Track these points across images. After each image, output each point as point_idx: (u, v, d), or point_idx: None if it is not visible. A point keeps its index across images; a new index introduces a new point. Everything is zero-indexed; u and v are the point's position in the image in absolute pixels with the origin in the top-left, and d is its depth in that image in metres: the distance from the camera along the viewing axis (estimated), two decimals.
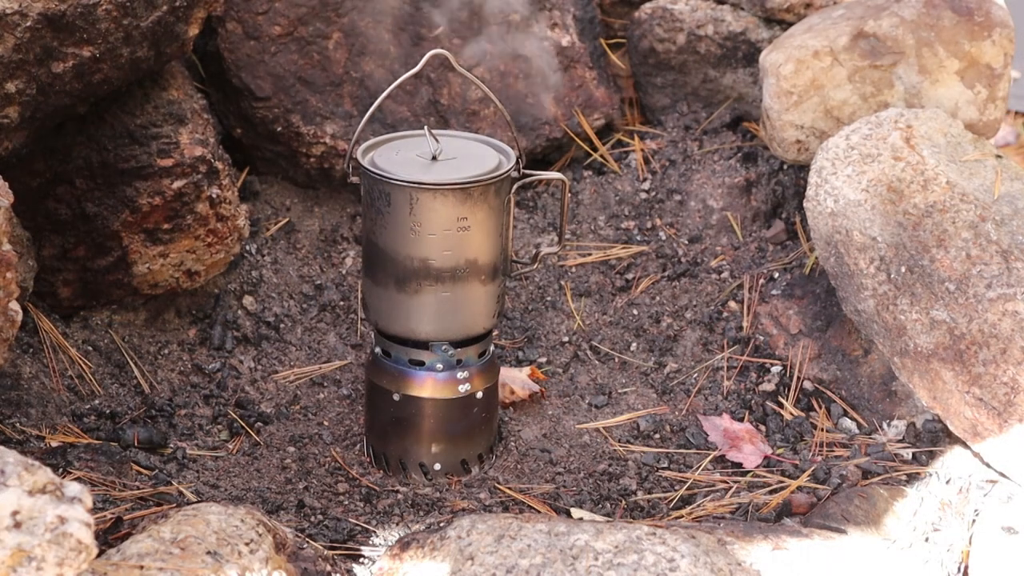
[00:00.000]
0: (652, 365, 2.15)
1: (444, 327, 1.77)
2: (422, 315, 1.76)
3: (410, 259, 1.72)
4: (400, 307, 1.76)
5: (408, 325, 1.77)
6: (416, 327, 1.77)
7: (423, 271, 1.73)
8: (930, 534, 1.68)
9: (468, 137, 1.86)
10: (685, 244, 2.30)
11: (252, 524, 1.45)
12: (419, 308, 1.75)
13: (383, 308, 1.78)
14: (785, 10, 2.39)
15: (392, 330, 1.79)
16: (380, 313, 1.80)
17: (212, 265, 2.06)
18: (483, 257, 1.75)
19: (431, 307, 1.75)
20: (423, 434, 1.83)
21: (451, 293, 1.74)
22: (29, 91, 1.70)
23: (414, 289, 1.74)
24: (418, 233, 1.70)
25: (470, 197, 1.70)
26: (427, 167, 1.73)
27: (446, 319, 1.76)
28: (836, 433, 1.93)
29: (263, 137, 2.27)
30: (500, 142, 1.83)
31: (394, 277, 1.75)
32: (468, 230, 1.71)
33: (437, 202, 1.69)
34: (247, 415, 1.98)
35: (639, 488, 1.85)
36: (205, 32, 2.19)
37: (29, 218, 1.92)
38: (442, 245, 1.71)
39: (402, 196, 1.69)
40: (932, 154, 1.92)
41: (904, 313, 1.85)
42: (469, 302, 1.77)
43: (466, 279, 1.74)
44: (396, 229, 1.72)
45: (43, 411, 1.86)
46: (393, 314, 1.78)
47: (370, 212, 1.75)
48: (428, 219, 1.69)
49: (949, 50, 2.09)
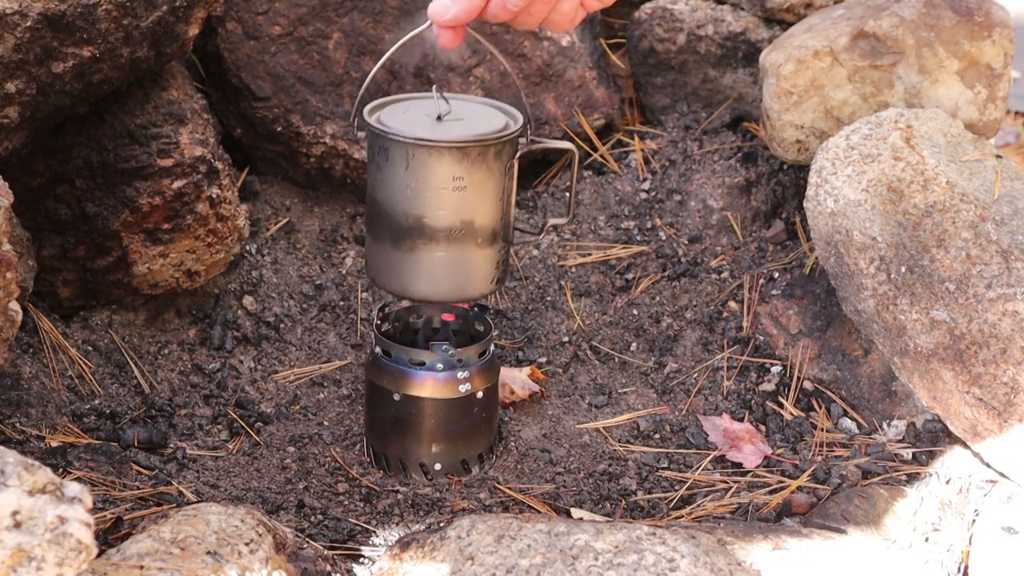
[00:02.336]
0: (652, 365, 2.15)
1: (437, 287, 1.76)
2: (416, 274, 1.75)
3: (406, 216, 1.71)
4: (395, 264, 1.75)
5: (402, 283, 1.76)
6: (409, 285, 1.76)
7: (418, 229, 1.71)
8: (930, 534, 1.68)
9: (481, 101, 1.84)
10: (685, 244, 2.30)
11: (252, 524, 1.45)
12: (413, 266, 1.74)
13: (379, 265, 1.78)
14: (785, 10, 2.39)
15: (387, 287, 1.79)
16: (376, 270, 1.79)
17: (212, 265, 2.06)
18: (480, 219, 1.73)
19: (425, 266, 1.74)
20: (423, 434, 1.83)
21: (445, 253, 1.72)
22: (29, 91, 1.70)
23: (409, 247, 1.73)
24: (414, 190, 1.69)
25: (467, 157, 1.68)
26: (430, 126, 1.71)
27: (440, 280, 1.75)
28: (836, 433, 1.93)
29: (263, 137, 2.27)
30: (513, 108, 1.80)
31: (390, 234, 1.73)
32: (464, 190, 1.69)
33: (433, 159, 1.67)
34: (247, 415, 1.98)
35: (639, 488, 1.85)
36: (205, 32, 2.19)
37: (29, 218, 1.92)
38: (437, 204, 1.69)
39: (399, 152, 1.68)
40: (932, 154, 1.92)
41: (904, 313, 1.85)
42: (465, 264, 1.75)
43: (462, 240, 1.72)
44: (393, 185, 1.70)
45: (43, 411, 1.86)
46: (388, 271, 1.77)
47: (371, 167, 1.74)
48: (424, 176, 1.68)
49: (949, 50, 2.09)
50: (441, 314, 1.99)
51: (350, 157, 2.26)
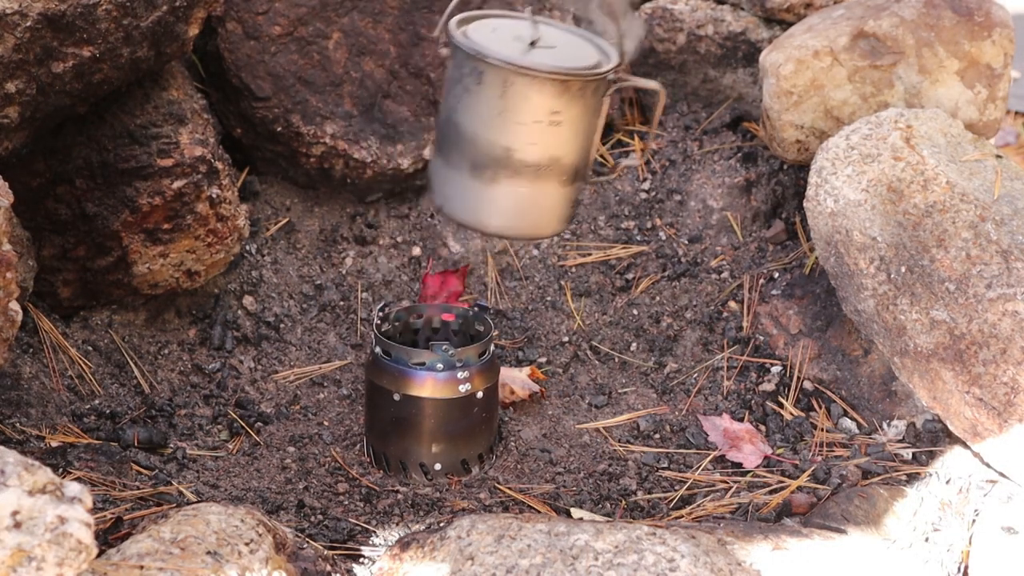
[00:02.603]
0: (652, 365, 2.15)
1: (512, 223, 1.67)
2: (493, 207, 1.63)
3: (492, 145, 1.59)
4: (470, 194, 1.63)
5: (477, 215, 1.65)
6: (485, 218, 1.65)
7: (503, 161, 1.59)
8: (930, 534, 1.68)
9: (570, 30, 1.74)
10: (685, 244, 2.30)
11: (252, 524, 1.45)
12: (491, 199, 1.62)
13: (450, 191, 1.66)
14: (785, 10, 2.39)
15: (458, 217, 1.68)
16: (446, 196, 1.67)
17: (212, 265, 2.06)
18: (568, 157, 1.62)
19: (504, 200, 1.62)
20: (423, 434, 1.83)
21: (528, 189, 1.62)
22: (29, 91, 1.70)
23: (490, 178, 1.61)
24: (506, 119, 1.57)
25: (568, 90, 1.56)
26: (526, 52, 1.60)
27: (517, 215, 1.65)
28: (836, 433, 1.93)
29: (263, 137, 2.27)
30: (603, 41, 1.69)
31: (470, 161, 1.61)
32: (559, 125, 1.58)
33: (532, 89, 1.55)
34: (247, 415, 1.98)
35: (639, 488, 1.85)
36: (205, 32, 2.19)
37: (29, 218, 1.92)
38: (528, 137, 1.58)
39: (496, 77, 1.55)
40: (932, 154, 1.92)
41: (904, 313, 1.85)
42: (544, 201, 1.65)
43: (546, 177, 1.62)
44: (482, 111, 1.58)
45: (43, 411, 1.86)
46: (461, 200, 1.65)
47: (455, 88, 1.61)
48: (519, 106, 1.56)
49: (949, 50, 2.09)
50: (441, 314, 1.99)
51: (350, 157, 2.26)
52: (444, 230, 2.33)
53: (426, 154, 2.31)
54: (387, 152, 2.28)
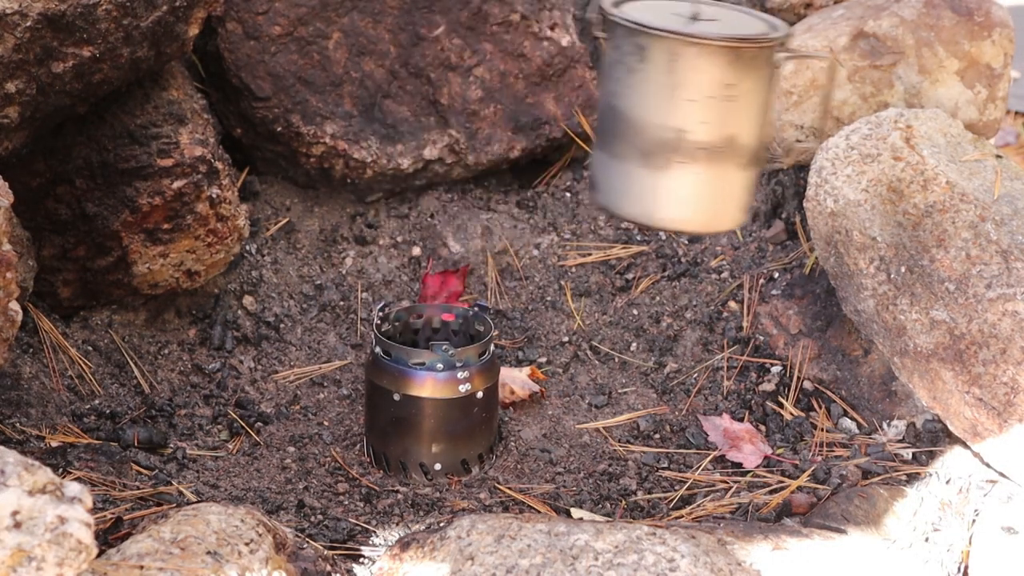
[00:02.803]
0: (652, 365, 2.15)
1: (689, 213, 1.53)
2: (668, 196, 1.50)
3: (662, 128, 1.47)
4: (641, 185, 1.51)
5: (650, 207, 1.52)
6: (658, 210, 1.52)
7: (675, 143, 1.47)
8: (930, 534, 1.68)
9: (727, 7, 1.61)
10: (685, 244, 2.30)
11: (252, 524, 1.45)
12: (665, 188, 1.50)
13: (619, 185, 1.53)
14: (785, 10, 2.39)
15: (628, 211, 1.55)
16: (614, 191, 1.54)
17: (212, 265, 2.06)
18: (744, 136, 1.49)
19: (679, 188, 1.50)
20: (423, 434, 1.83)
21: (704, 174, 1.49)
22: (29, 91, 1.70)
23: (661, 164, 1.48)
24: (674, 97, 1.45)
25: (740, 59, 1.44)
26: (689, 24, 1.47)
27: (693, 204, 1.52)
28: (836, 433, 1.93)
29: (263, 137, 2.27)
30: (762, 13, 1.59)
31: (639, 149, 1.49)
32: (734, 100, 1.46)
33: (703, 60, 1.43)
34: (247, 415, 1.98)
35: (639, 488, 1.85)
36: (205, 32, 2.19)
37: (29, 218, 1.92)
38: (701, 114, 1.46)
39: (661, 50, 1.44)
40: (932, 154, 1.92)
41: (904, 313, 1.85)
42: (722, 188, 1.52)
43: (722, 159, 1.49)
44: (648, 91, 1.46)
45: (43, 411, 1.86)
46: (632, 193, 1.52)
47: (615, 71, 1.49)
48: (690, 80, 1.44)
49: (949, 50, 2.09)
50: (441, 314, 1.99)
51: (350, 157, 2.26)
52: (444, 230, 2.33)
53: (426, 154, 2.31)
54: (387, 152, 2.28)
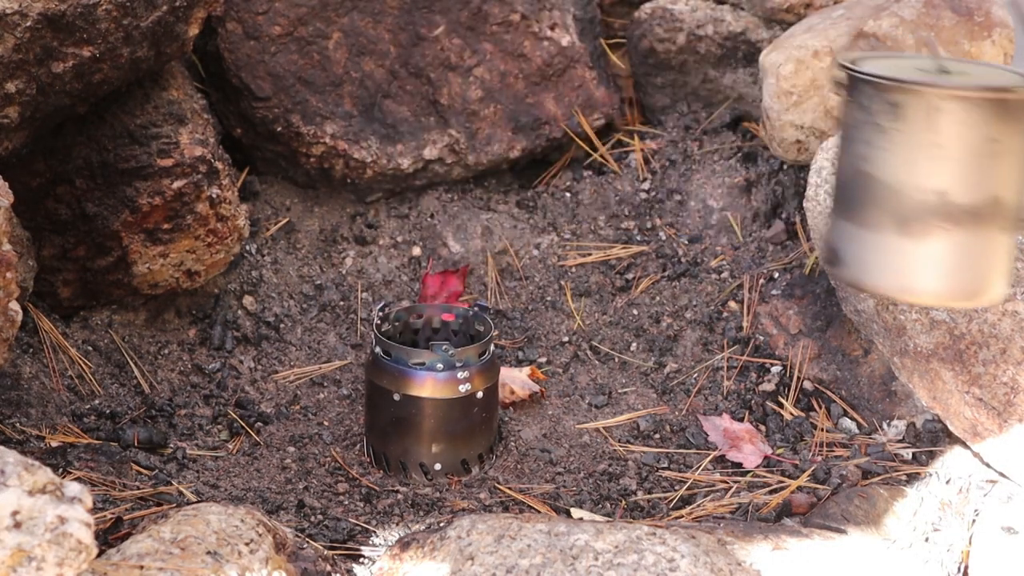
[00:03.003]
0: (652, 365, 2.15)
1: (953, 284, 1.38)
2: (929, 267, 1.36)
3: (921, 191, 1.33)
4: (898, 256, 1.37)
5: (908, 280, 1.38)
6: (918, 283, 1.38)
7: (936, 207, 1.33)
8: (930, 534, 1.68)
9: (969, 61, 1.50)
10: (685, 244, 2.30)
11: (252, 524, 1.45)
12: (926, 257, 1.36)
13: (872, 258, 1.39)
14: (785, 10, 2.39)
15: (883, 285, 1.41)
16: (866, 264, 1.40)
17: (212, 265, 2.06)
18: (1009, 196, 1.35)
19: (941, 257, 1.36)
20: (423, 434, 1.83)
21: (968, 240, 1.35)
22: (29, 91, 1.70)
23: (920, 232, 1.34)
24: (935, 156, 1.33)
25: (1006, 111, 1.31)
26: (944, 78, 1.35)
27: (956, 274, 1.37)
28: (836, 433, 1.93)
29: (263, 137, 2.27)
30: (1006, 66, 1.48)
31: (895, 216, 1.35)
32: (998, 156, 1.33)
33: (969, 114, 1.31)
34: (247, 415, 1.98)
35: (639, 488, 1.85)
36: (205, 32, 2.19)
37: (29, 218, 1.92)
38: (966, 173, 1.33)
39: (918, 106, 1.32)
40: None
41: (904, 313, 1.85)
42: (987, 254, 1.37)
43: (987, 223, 1.35)
44: (905, 151, 1.34)
45: (43, 411, 1.86)
46: (888, 265, 1.38)
47: (863, 133, 1.37)
48: (953, 137, 1.32)
49: (949, 50, 2.09)
50: (441, 314, 1.99)
51: (350, 157, 2.26)
52: (444, 230, 2.34)
53: (426, 154, 2.31)
54: (387, 152, 2.28)
